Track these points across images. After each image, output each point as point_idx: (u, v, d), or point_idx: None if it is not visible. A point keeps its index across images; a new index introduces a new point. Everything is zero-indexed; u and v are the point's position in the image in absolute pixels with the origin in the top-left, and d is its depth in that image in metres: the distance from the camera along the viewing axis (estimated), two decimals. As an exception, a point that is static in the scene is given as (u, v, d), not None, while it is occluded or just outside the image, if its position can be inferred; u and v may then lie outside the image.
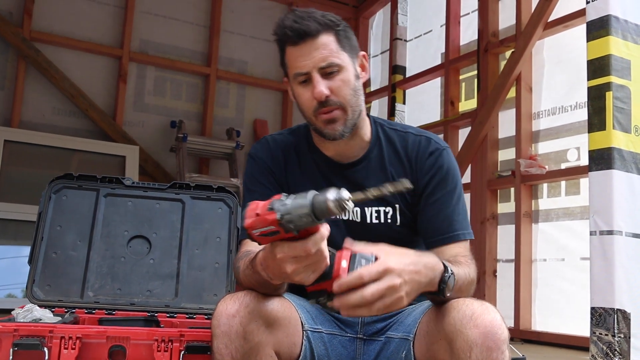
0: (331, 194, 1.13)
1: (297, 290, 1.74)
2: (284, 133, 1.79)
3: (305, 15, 1.56)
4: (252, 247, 1.51)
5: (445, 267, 1.35)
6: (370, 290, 1.21)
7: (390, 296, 1.23)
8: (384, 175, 1.66)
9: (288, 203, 1.15)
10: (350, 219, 1.66)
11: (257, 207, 1.19)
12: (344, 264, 1.25)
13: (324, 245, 1.21)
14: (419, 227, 1.65)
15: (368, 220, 1.66)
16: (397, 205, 1.65)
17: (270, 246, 1.22)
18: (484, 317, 1.31)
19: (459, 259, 1.51)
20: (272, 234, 1.17)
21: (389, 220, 1.65)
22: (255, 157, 1.73)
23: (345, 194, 1.14)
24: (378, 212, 1.65)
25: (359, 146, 1.68)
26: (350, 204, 1.15)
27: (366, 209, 1.66)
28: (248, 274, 1.43)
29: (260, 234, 1.19)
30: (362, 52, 1.68)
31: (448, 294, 1.35)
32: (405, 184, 1.19)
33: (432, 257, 1.36)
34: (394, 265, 1.24)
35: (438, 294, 1.35)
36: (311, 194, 1.15)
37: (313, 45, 1.55)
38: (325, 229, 1.20)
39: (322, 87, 1.55)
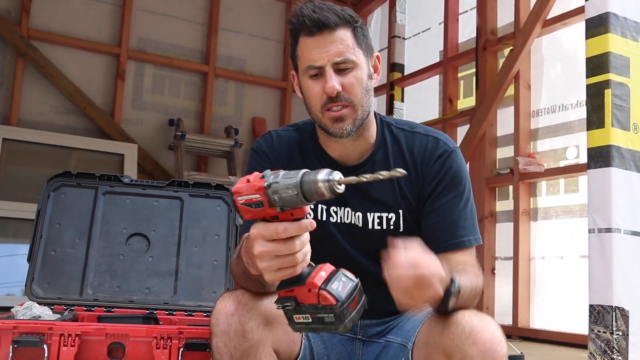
0: (322, 175, 1.07)
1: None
2: (289, 129, 1.72)
3: (324, 7, 1.50)
4: None
5: (452, 279, 1.29)
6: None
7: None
8: (389, 179, 1.57)
9: (280, 175, 1.10)
10: (353, 223, 1.62)
11: (250, 175, 1.14)
12: (323, 274, 1.16)
13: (299, 242, 1.13)
14: (423, 233, 1.59)
15: (370, 226, 1.60)
16: (400, 211, 1.59)
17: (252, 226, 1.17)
18: (483, 334, 1.29)
19: (467, 268, 1.46)
20: (256, 205, 1.12)
21: (392, 227, 1.60)
22: (259, 151, 1.68)
23: (336, 175, 1.08)
24: (380, 218, 1.60)
25: (364, 147, 1.62)
26: (342, 188, 1.08)
27: (368, 214, 1.60)
28: (235, 263, 1.41)
29: (244, 202, 1.13)
30: (377, 53, 1.62)
31: (451, 306, 1.30)
32: (399, 172, 1.10)
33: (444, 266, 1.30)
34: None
35: (440, 305, 1.29)
36: (302, 171, 1.09)
37: (330, 38, 1.49)
38: (307, 223, 1.13)
39: (335, 82, 1.48)
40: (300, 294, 1.15)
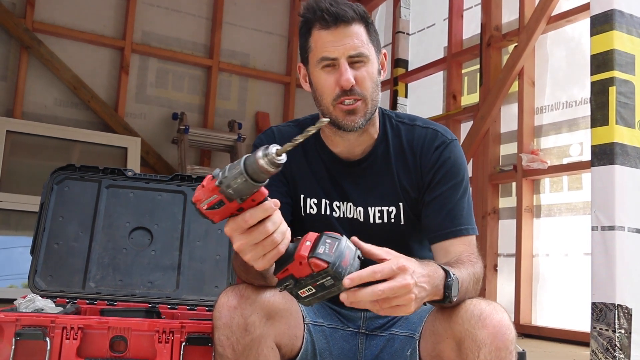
0: (259, 152, 1.08)
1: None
2: (290, 125, 1.73)
3: (340, 1, 1.53)
4: None
5: (446, 272, 1.31)
6: (382, 287, 1.17)
7: (401, 296, 1.18)
8: (389, 173, 1.62)
9: (226, 169, 1.11)
10: (354, 217, 1.63)
11: (205, 180, 1.14)
12: (308, 243, 1.19)
13: (271, 223, 1.14)
14: (422, 223, 1.61)
15: (371, 220, 1.62)
16: (400, 204, 1.61)
17: None
18: (492, 317, 1.31)
19: (462, 257, 1.47)
20: (219, 204, 1.12)
21: (393, 220, 1.62)
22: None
23: (272, 148, 1.09)
24: (381, 212, 1.62)
25: (368, 142, 1.63)
26: (282, 158, 1.09)
27: (369, 208, 1.62)
28: (235, 257, 1.41)
29: (207, 207, 1.13)
30: (384, 51, 1.65)
31: (454, 299, 1.31)
32: (323, 121, 1.15)
33: (432, 264, 1.32)
34: (408, 265, 1.20)
35: (444, 301, 1.31)
36: (244, 157, 1.11)
37: (346, 32, 1.51)
38: (271, 203, 1.14)
39: (350, 75, 1.50)
40: (295, 269, 1.18)
